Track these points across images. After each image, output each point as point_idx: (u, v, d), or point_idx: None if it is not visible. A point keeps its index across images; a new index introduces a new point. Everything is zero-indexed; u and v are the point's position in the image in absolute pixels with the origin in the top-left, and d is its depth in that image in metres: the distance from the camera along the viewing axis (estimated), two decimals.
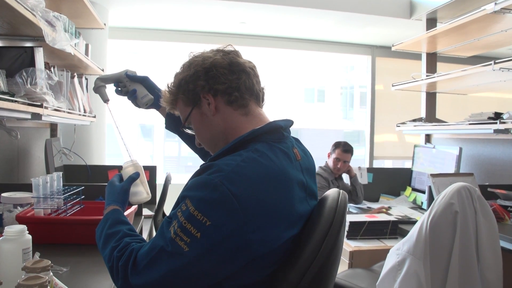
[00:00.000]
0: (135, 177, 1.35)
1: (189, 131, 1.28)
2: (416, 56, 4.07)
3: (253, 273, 1.02)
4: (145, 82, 1.54)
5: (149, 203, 2.93)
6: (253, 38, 5.25)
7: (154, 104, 1.55)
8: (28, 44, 2.08)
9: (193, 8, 4.36)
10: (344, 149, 3.53)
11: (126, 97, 1.55)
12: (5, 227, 1.20)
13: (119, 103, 1.59)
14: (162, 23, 4.94)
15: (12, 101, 1.71)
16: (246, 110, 1.17)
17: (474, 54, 3.88)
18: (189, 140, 1.59)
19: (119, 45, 5.10)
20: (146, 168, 2.88)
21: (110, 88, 1.57)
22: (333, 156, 3.56)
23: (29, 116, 1.89)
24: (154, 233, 2.97)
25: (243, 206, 0.95)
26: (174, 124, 1.56)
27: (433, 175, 2.75)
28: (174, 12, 4.50)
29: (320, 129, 8.16)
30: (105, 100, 1.53)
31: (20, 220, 1.68)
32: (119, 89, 1.54)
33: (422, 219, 1.79)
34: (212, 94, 1.15)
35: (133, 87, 1.51)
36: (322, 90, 9.54)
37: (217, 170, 0.99)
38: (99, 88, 1.53)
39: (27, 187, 1.94)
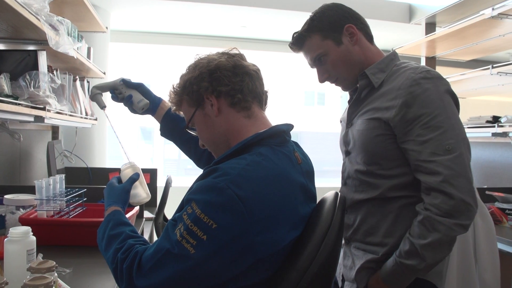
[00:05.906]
0: (135, 178, 1.36)
1: (192, 133, 1.30)
2: (415, 60, 4.06)
3: (257, 274, 1.03)
4: (140, 88, 1.55)
5: (150, 206, 2.95)
6: (254, 42, 5.28)
7: (150, 109, 1.56)
8: (32, 48, 2.10)
9: (194, 12, 4.39)
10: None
11: (122, 104, 1.57)
12: (10, 229, 1.21)
13: (119, 107, 1.60)
14: (163, 27, 4.97)
15: (15, 104, 1.73)
16: (249, 112, 1.18)
17: (473, 58, 3.90)
18: (184, 146, 1.59)
19: (121, 48, 5.13)
20: (147, 171, 2.90)
21: (107, 96, 1.59)
22: None
23: (32, 119, 1.92)
24: (155, 236, 2.99)
25: (248, 209, 0.97)
26: (169, 130, 1.57)
27: None
28: (175, 15, 4.53)
29: (320, 132, 8.17)
30: (102, 106, 1.55)
31: (23, 222, 1.69)
32: (115, 96, 1.56)
33: None
34: (215, 95, 1.16)
35: (129, 93, 1.53)
36: (322, 93, 9.57)
37: (222, 174, 1.00)
38: (95, 96, 1.54)
39: (29, 189, 1.96)
